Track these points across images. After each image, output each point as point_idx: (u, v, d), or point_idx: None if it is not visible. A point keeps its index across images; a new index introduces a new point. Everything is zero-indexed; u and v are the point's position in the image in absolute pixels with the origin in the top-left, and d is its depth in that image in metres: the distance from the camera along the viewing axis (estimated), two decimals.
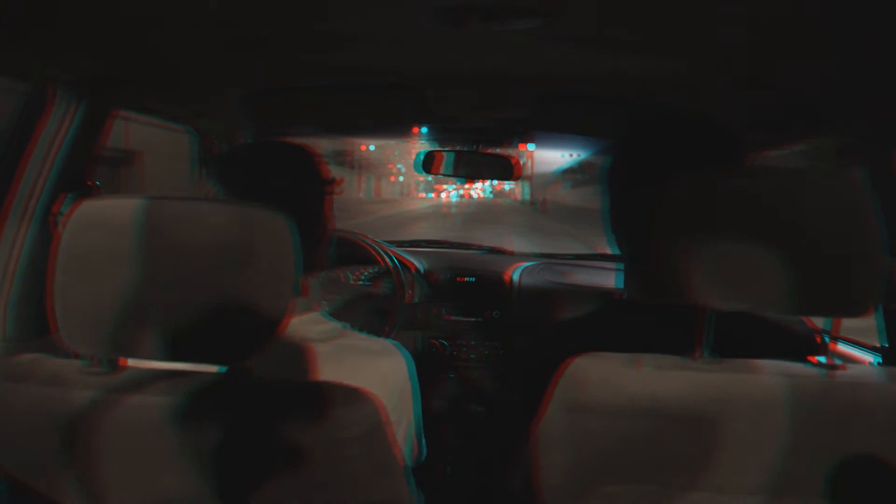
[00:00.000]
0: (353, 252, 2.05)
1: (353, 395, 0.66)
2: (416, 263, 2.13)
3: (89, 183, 1.15)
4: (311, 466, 0.64)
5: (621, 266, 0.90)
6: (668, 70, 1.14)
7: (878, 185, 1.04)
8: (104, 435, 0.64)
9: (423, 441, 1.01)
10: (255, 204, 0.65)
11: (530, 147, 2.06)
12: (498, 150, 1.90)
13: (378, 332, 1.93)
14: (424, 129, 1.89)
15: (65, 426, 0.64)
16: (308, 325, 0.89)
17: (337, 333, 0.91)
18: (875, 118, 1.05)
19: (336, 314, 0.98)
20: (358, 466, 0.66)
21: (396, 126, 1.92)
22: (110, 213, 0.64)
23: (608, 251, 1.23)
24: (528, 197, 56.07)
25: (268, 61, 1.22)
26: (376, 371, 0.87)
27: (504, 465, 0.91)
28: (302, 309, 0.89)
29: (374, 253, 2.05)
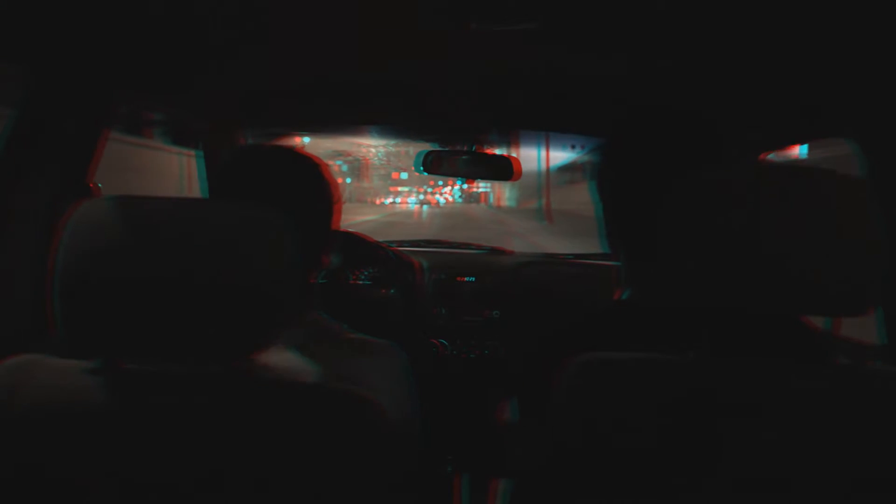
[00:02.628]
0: (353, 251, 2.26)
1: (351, 396, 0.76)
2: (417, 263, 2.34)
3: (89, 183, 1.33)
4: (309, 467, 0.73)
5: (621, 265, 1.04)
6: (666, 70, 1.34)
7: (878, 185, 1.20)
8: (104, 435, 0.73)
9: (422, 441, 1.14)
10: (256, 204, 0.74)
11: (529, 129, 2.25)
12: (497, 150, 2.14)
13: (377, 332, 2.12)
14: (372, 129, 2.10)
15: (65, 427, 0.73)
16: (307, 325, 1.01)
17: (336, 333, 1.04)
18: (875, 118, 1.19)
19: (335, 314, 1.10)
20: (356, 467, 0.75)
21: (396, 125, 2.14)
22: (110, 213, 0.72)
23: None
24: (514, 204, 51.10)
25: (268, 62, 1.41)
26: (375, 371, 0.98)
27: (504, 464, 1.08)
28: (301, 309, 1.02)
29: (374, 253, 2.27)
